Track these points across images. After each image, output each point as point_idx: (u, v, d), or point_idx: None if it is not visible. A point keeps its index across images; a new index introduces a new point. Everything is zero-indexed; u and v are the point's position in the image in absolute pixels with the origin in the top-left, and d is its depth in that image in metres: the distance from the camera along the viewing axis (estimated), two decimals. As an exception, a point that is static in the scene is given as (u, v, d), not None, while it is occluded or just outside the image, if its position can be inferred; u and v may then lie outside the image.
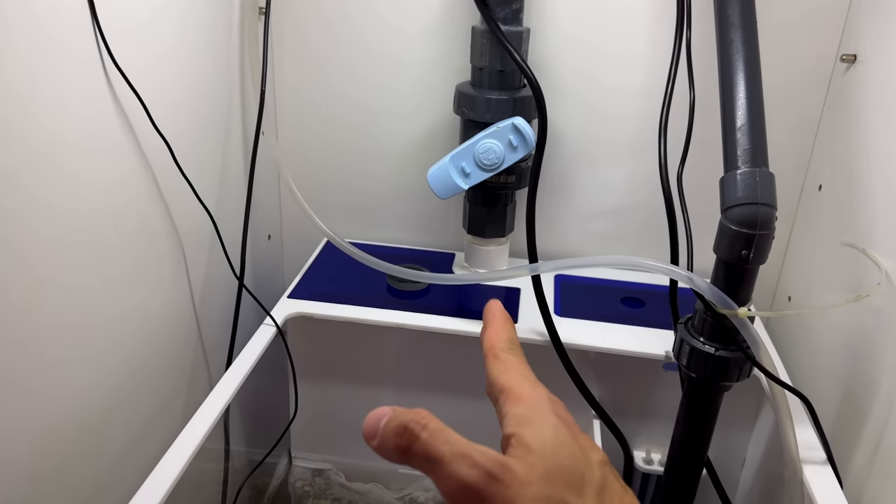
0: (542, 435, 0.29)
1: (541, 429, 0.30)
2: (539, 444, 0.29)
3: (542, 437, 0.29)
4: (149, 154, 0.61)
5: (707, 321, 0.56)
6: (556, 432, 0.30)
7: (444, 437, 0.29)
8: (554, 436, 0.30)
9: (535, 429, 0.30)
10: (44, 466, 0.53)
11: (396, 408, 0.30)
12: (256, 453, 0.82)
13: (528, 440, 0.29)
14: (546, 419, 0.30)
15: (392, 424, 0.29)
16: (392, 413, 0.30)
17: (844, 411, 0.65)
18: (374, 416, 0.30)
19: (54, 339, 0.52)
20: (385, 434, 0.30)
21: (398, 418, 0.29)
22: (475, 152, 0.72)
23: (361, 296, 0.78)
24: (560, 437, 0.30)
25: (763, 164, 0.54)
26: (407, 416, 0.29)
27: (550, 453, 0.29)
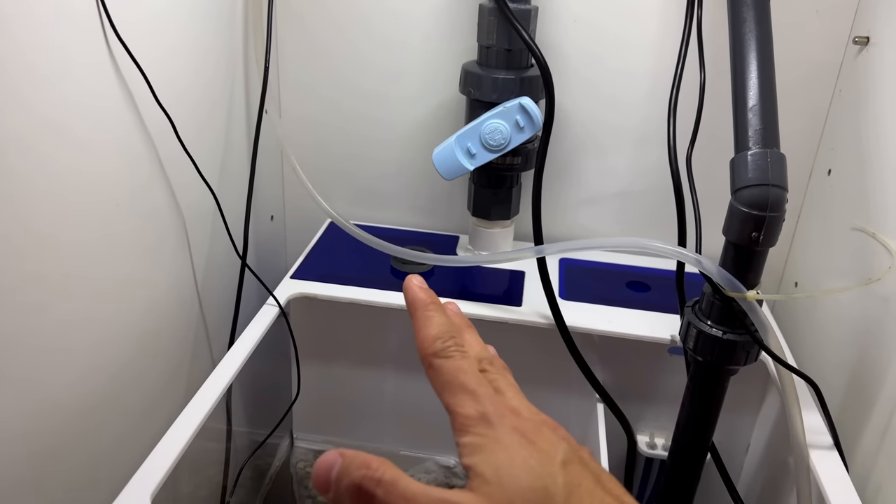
0: (495, 461, 0.28)
1: (491, 454, 0.29)
2: (492, 472, 0.28)
3: (495, 464, 0.28)
4: (151, 128, 0.61)
5: (715, 304, 0.56)
6: (507, 453, 0.29)
7: (399, 490, 0.28)
8: (506, 458, 0.28)
9: (486, 457, 0.29)
10: (45, 444, 0.52)
11: (345, 454, 0.29)
12: (258, 434, 0.81)
13: (481, 470, 0.28)
14: (495, 441, 0.29)
15: (345, 483, 0.28)
16: (342, 463, 0.28)
17: (851, 397, 0.64)
18: (323, 465, 0.29)
19: (56, 315, 0.52)
20: (339, 492, 0.28)
21: (349, 476, 0.28)
22: (481, 132, 0.71)
23: (365, 277, 0.77)
24: (513, 455, 0.29)
25: (775, 146, 0.53)
26: (359, 471, 0.28)
27: (506, 480, 0.28)
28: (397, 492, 0.27)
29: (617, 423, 0.70)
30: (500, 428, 0.29)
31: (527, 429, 0.30)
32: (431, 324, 0.33)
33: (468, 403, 0.30)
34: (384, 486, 0.27)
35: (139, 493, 0.48)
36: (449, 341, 0.32)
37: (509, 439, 0.29)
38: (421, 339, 0.33)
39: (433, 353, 0.32)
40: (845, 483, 0.55)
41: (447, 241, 0.89)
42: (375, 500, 0.27)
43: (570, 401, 0.78)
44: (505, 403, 0.31)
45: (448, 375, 0.31)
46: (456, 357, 0.32)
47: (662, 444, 0.78)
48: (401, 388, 0.84)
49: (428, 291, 0.35)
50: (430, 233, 0.91)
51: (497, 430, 0.29)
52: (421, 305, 0.34)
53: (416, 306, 0.34)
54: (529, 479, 0.28)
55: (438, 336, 0.33)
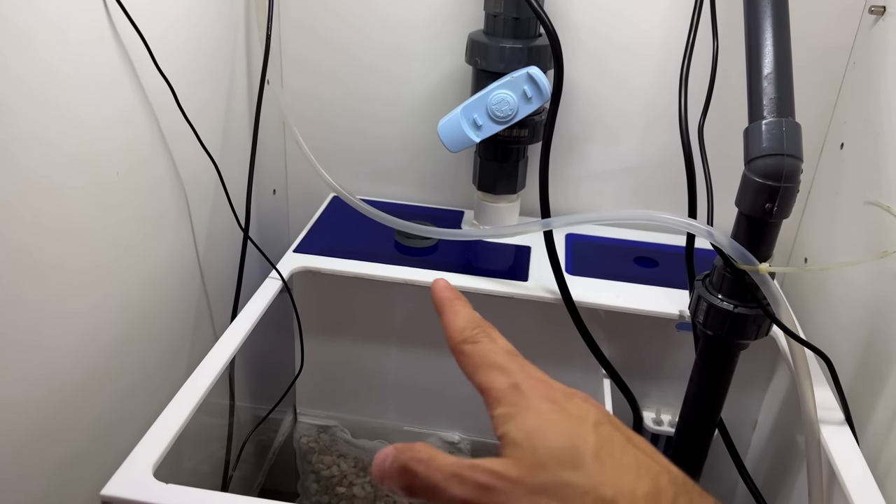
0: (526, 426, 0.30)
1: (523, 420, 0.30)
2: (524, 436, 0.29)
3: (527, 428, 0.30)
4: (151, 96, 0.59)
5: (726, 277, 0.55)
6: (539, 417, 0.30)
7: (435, 464, 0.29)
8: (538, 422, 0.30)
9: (518, 423, 0.30)
10: (44, 415, 0.52)
11: (398, 446, 0.31)
12: (261, 409, 0.81)
13: (514, 436, 0.30)
14: (527, 408, 0.30)
15: (395, 465, 0.30)
16: (394, 453, 0.31)
17: (863, 372, 0.63)
18: (380, 457, 0.31)
19: (54, 284, 0.51)
20: (391, 476, 0.30)
21: (398, 459, 0.30)
22: (488, 103, 0.70)
23: (369, 251, 0.76)
24: (544, 419, 0.30)
25: (790, 115, 0.52)
26: (405, 454, 0.30)
27: (537, 441, 0.29)
28: (434, 465, 0.29)
29: (623, 399, 0.69)
30: (532, 397, 0.31)
31: (557, 397, 0.31)
32: (459, 316, 0.35)
33: (499, 378, 0.32)
34: (423, 463, 0.29)
35: (141, 466, 0.47)
36: (476, 329, 0.34)
37: (540, 405, 0.30)
38: (451, 331, 0.35)
39: (462, 339, 0.34)
40: (857, 459, 0.54)
41: (452, 215, 0.88)
42: (417, 476, 0.29)
43: (576, 377, 0.77)
44: (535, 377, 0.32)
45: (478, 357, 0.33)
46: (484, 341, 0.34)
47: (669, 421, 0.77)
48: (405, 363, 0.83)
49: (453, 290, 0.37)
50: (435, 207, 0.90)
51: (528, 398, 0.31)
52: (447, 301, 0.36)
53: (444, 303, 0.36)
54: (559, 439, 0.29)
55: (466, 325, 0.35)
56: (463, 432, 0.86)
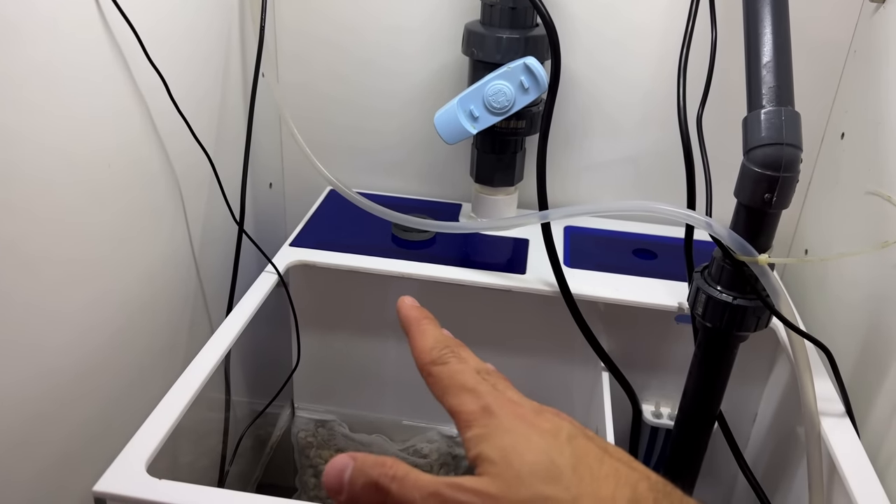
0: (501, 444, 0.29)
1: (497, 440, 0.29)
2: (500, 455, 0.28)
3: (501, 446, 0.29)
4: (143, 89, 0.59)
5: (725, 269, 0.54)
6: (512, 435, 0.29)
7: (411, 482, 0.28)
8: (511, 440, 0.29)
9: (491, 443, 0.29)
10: (39, 410, 0.51)
11: (357, 456, 0.29)
12: (259, 403, 0.81)
13: (489, 454, 0.28)
14: (498, 428, 0.29)
15: (360, 481, 0.29)
16: (355, 465, 0.29)
17: (863, 364, 0.63)
18: (335, 467, 0.29)
19: (46, 279, 0.50)
20: (354, 492, 0.29)
21: (365, 474, 0.29)
22: (484, 94, 0.69)
23: (365, 245, 0.76)
24: (517, 437, 0.29)
25: (789, 103, 0.51)
26: (374, 470, 0.29)
27: (513, 458, 0.28)
28: (409, 483, 0.28)
29: (622, 392, 0.68)
30: (503, 416, 0.30)
31: (528, 415, 0.30)
32: (426, 336, 0.34)
33: (469, 400, 0.31)
34: (398, 480, 0.28)
35: (134, 462, 0.47)
36: (445, 350, 0.33)
37: (512, 424, 0.29)
38: (418, 351, 0.33)
39: (430, 361, 0.32)
40: (857, 451, 0.54)
41: (450, 208, 0.87)
42: (391, 495, 0.28)
43: (575, 370, 0.77)
44: (505, 397, 0.31)
45: (447, 379, 0.32)
46: (453, 362, 0.32)
47: (668, 413, 0.77)
48: (402, 356, 0.83)
49: (421, 309, 0.36)
50: (432, 200, 0.89)
51: (500, 418, 0.30)
52: (414, 321, 0.35)
53: (410, 322, 0.35)
54: (535, 454, 0.28)
55: (434, 346, 0.33)
56: (462, 426, 0.86)
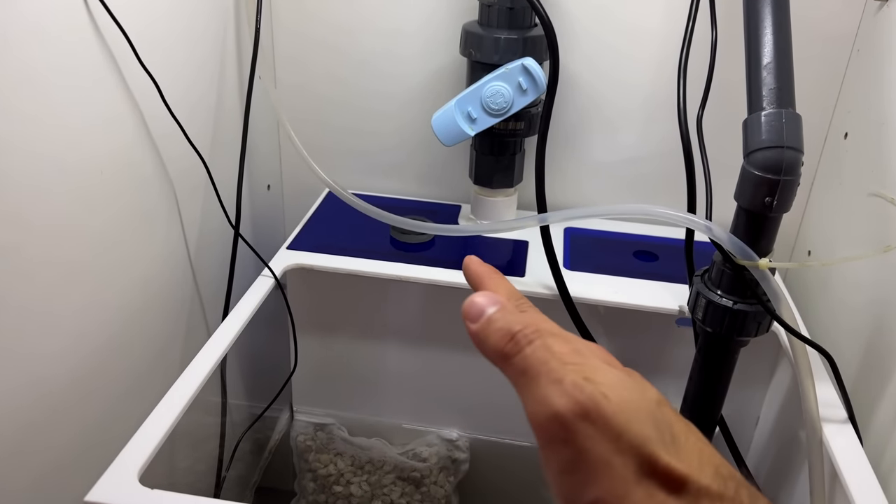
0: (610, 380, 0.27)
1: (606, 373, 0.27)
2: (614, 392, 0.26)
3: (611, 383, 0.26)
4: (136, 93, 0.58)
5: (725, 273, 0.54)
6: (618, 378, 0.27)
7: (546, 355, 0.27)
8: (620, 380, 0.27)
9: (601, 374, 0.27)
10: (33, 418, 0.51)
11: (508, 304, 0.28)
12: (257, 407, 0.80)
13: (602, 382, 0.26)
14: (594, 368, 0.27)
15: (499, 325, 0.28)
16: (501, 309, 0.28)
17: (866, 369, 0.62)
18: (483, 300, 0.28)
19: (39, 285, 0.50)
20: (489, 330, 0.28)
21: (507, 322, 0.28)
22: (482, 96, 0.69)
23: (364, 248, 0.75)
24: (625, 380, 0.27)
25: (790, 105, 0.51)
26: (518, 322, 0.27)
27: (627, 398, 0.26)
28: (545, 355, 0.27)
29: (622, 395, 0.68)
30: (592, 356, 0.28)
31: (616, 363, 0.29)
32: (500, 288, 0.32)
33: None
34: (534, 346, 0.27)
35: (127, 471, 0.46)
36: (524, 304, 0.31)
37: (606, 368, 0.27)
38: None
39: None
40: (860, 457, 0.53)
41: (449, 210, 0.86)
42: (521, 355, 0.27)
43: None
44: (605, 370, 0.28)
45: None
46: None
47: (669, 417, 0.76)
48: (402, 360, 0.82)
49: (487, 265, 0.35)
50: (431, 202, 0.88)
51: (588, 358, 0.28)
52: (486, 276, 0.34)
53: (482, 277, 0.34)
54: (644, 404, 0.26)
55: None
56: (461, 430, 0.85)
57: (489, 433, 0.85)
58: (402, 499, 0.83)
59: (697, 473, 0.25)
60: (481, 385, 0.81)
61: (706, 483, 0.25)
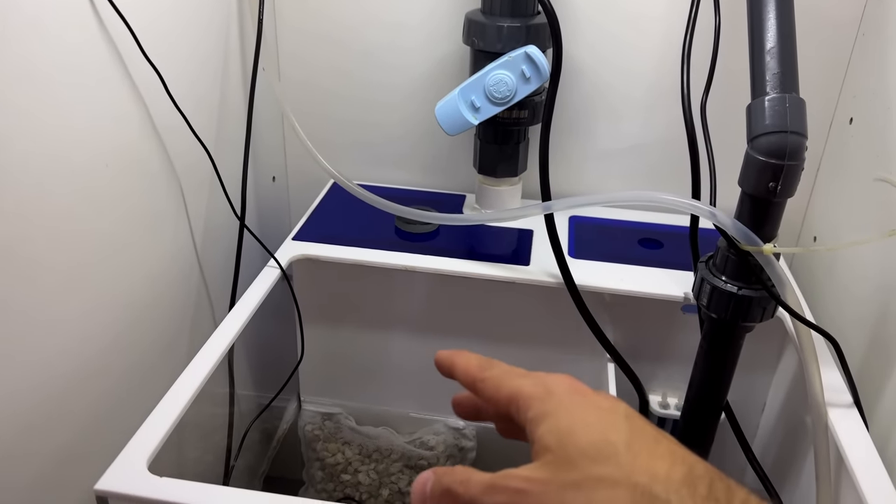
0: (558, 426, 0.30)
1: (554, 421, 0.30)
2: (555, 439, 0.30)
3: (558, 429, 0.30)
4: (141, 88, 0.58)
5: (730, 259, 0.54)
6: (570, 414, 0.30)
7: (474, 481, 0.31)
8: (569, 420, 0.30)
9: (549, 424, 0.30)
10: (38, 410, 0.51)
11: (437, 470, 0.32)
12: (265, 398, 0.81)
13: (546, 440, 0.30)
14: (558, 406, 0.31)
15: (437, 489, 0.32)
16: (434, 477, 0.32)
17: (872, 354, 0.62)
18: (420, 482, 0.33)
19: (44, 280, 0.50)
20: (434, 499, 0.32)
21: (440, 482, 0.32)
22: (485, 84, 0.68)
23: (369, 238, 0.75)
24: (575, 416, 0.30)
25: (793, 90, 0.50)
26: (446, 478, 0.32)
27: (567, 441, 0.29)
28: (473, 482, 0.31)
29: (628, 382, 0.68)
30: (562, 394, 0.32)
31: (586, 391, 0.32)
32: (469, 358, 0.36)
33: (528, 383, 0.33)
34: (464, 483, 0.31)
35: (136, 459, 0.47)
36: (488, 362, 0.35)
37: (571, 401, 0.31)
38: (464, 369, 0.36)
39: (479, 367, 0.35)
40: (865, 442, 0.53)
41: (453, 200, 0.86)
42: (459, 496, 0.31)
43: (581, 361, 0.76)
44: (561, 376, 0.33)
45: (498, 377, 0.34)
46: (501, 365, 0.35)
47: (675, 404, 0.76)
48: (408, 349, 0.83)
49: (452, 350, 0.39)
50: (435, 192, 0.89)
51: (559, 396, 0.31)
52: (453, 354, 0.37)
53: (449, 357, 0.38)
54: (591, 434, 0.29)
55: (479, 361, 0.36)
56: (468, 418, 0.85)
57: (496, 422, 0.85)
58: (409, 486, 0.83)
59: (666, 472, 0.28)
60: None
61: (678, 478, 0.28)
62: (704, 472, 0.28)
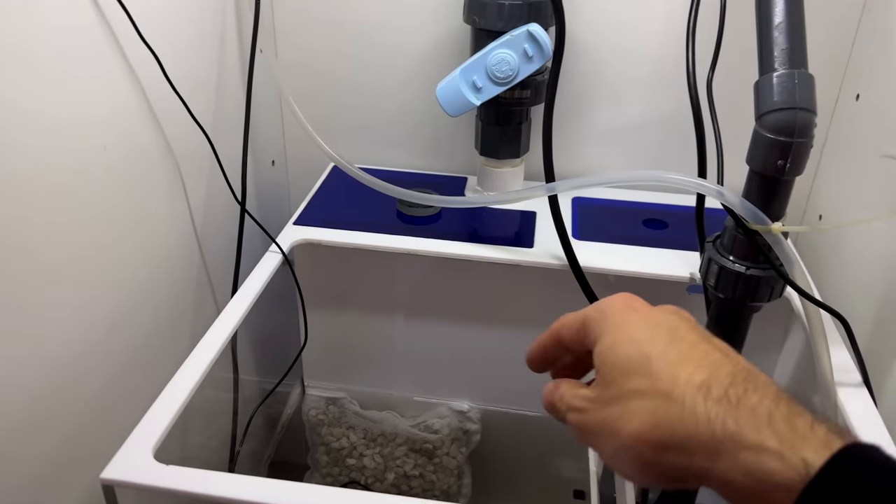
0: (603, 346, 0.33)
1: (602, 341, 0.33)
2: (600, 358, 0.33)
3: (603, 349, 0.33)
4: (137, 69, 0.57)
5: (738, 238, 0.53)
6: (616, 332, 0.33)
7: (567, 396, 0.35)
8: (612, 338, 0.33)
9: (599, 344, 0.33)
10: (40, 397, 0.51)
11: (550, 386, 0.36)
12: (269, 383, 0.80)
13: (596, 360, 0.33)
14: (608, 327, 0.34)
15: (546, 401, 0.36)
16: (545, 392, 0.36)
17: (880, 333, 0.61)
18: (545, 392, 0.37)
19: (43, 260, 0.50)
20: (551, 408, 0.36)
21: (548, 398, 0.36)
22: (487, 64, 0.67)
23: (370, 222, 0.74)
24: (619, 334, 0.33)
25: (802, 66, 0.50)
26: (550, 395, 0.36)
27: (609, 357, 0.33)
28: (566, 398, 0.35)
29: (634, 364, 0.67)
30: (613, 313, 0.34)
31: (640, 307, 0.34)
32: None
33: (589, 310, 0.35)
34: (560, 401, 0.35)
35: (141, 448, 0.47)
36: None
37: (621, 318, 0.34)
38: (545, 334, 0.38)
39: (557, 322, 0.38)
40: (875, 421, 0.53)
41: (455, 182, 0.86)
42: (560, 411, 0.35)
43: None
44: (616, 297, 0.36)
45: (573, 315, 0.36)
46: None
47: (681, 385, 0.76)
48: (411, 333, 0.82)
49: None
50: (437, 175, 0.88)
51: (610, 315, 0.34)
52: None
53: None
54: (628, 351, 0.32)
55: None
56: (472, 401, 0.85)
57: (499, 404, 0.85)
58: (414, 470, 0.83)
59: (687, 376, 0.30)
60: (491, 357, 0.81)
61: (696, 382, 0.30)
62: (727, 375, 0.30)
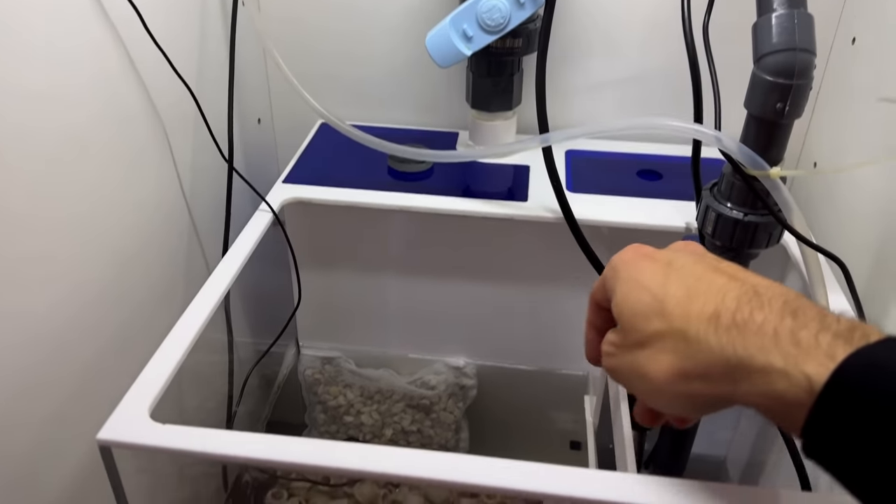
0: (618, 298, 0.36)
1: (616, 293, 0.36)
2: (618, 309, 0.36)
3: (618, 300, 0.35)
4: (115, 20, 0.55)
5: (735, 184, 0.52)
6: (627, 283, 0.35)
7: (604, 344, 0.37)
8: (624, 289, 0.35)
9: (615, 297, 0.36)
10: (34, 361, 0.50)
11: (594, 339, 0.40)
12: (263, 344, 0.80)
13: (614, 312, 0.36)
14: (619, 280, 0.36)
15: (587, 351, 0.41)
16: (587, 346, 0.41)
17: (877, 278, 0.61)
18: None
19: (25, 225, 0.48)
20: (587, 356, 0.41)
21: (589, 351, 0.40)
22: (478, 12, 0.66)
23: (361, 178, 0.73)
24: (630, 283, 0.35)
25: (801, 5, 0.48)
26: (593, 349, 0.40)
27: (625, 307, 0.35)
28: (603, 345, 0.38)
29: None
30: (622, 266, 0.37)
31: (646, 253, 0.37)
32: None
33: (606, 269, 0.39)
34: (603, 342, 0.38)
35: (137, 408, 0.46)
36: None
37: (630, 269, 0.36)
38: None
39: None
40: (871, 364, 0.53)
41: (446, 137, 0.84)
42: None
43: (581, 297, 0.75)
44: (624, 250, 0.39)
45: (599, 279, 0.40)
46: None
47: (676, 336, 0.76)
48: (405, 290, 0.82)
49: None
50: (428, 130, 0.86)
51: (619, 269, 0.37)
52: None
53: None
54: (641, 298, 0.34)
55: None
56: (468, 357, 0.85)
57: (495, 359, 0.85)
58: (412, 425, 0.84)
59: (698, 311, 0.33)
60: (485, 312, 0.81)
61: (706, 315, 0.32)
62: (732, 300, 0.31)
